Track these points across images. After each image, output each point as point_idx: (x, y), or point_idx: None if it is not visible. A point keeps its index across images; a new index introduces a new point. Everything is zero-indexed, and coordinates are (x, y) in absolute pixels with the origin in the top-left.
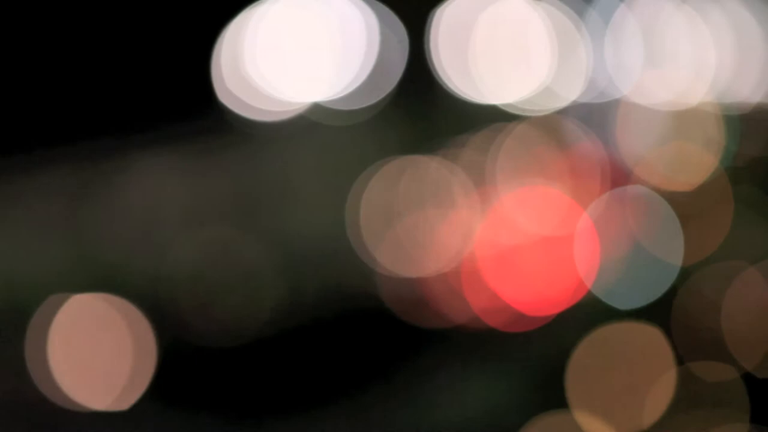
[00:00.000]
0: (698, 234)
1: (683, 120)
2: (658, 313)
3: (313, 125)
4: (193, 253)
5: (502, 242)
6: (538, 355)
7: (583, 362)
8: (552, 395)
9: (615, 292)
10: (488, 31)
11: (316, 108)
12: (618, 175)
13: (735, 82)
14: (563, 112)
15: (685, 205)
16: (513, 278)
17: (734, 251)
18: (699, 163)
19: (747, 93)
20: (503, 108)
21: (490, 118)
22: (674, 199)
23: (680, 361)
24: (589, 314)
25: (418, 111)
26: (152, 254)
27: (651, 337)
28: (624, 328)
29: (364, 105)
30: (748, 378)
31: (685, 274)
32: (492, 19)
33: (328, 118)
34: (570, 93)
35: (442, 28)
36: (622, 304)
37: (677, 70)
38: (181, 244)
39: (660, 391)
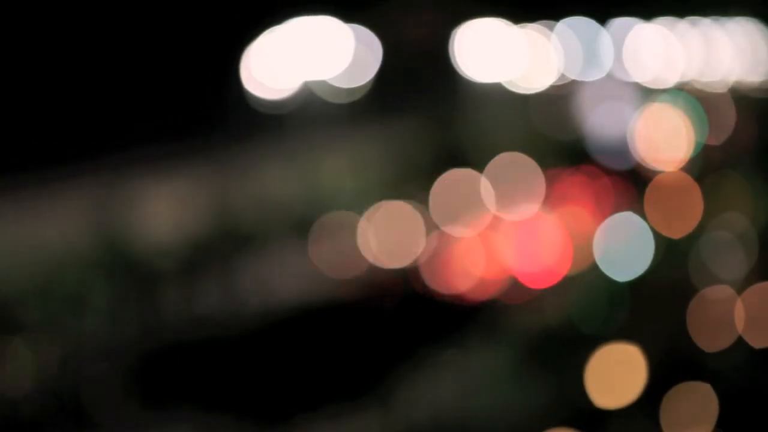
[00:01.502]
0: (684, 209)
1: (660, 100)
2: (650, 282)
3: (313, 97)
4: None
5: (505, 218)
6: (539, 324)
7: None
8: (554, 362)
9: (614, 265)
10: (488, 38)
11: (315, 84)
12: (614, 160)
13: (703, 74)
14: (556, 89)
15: (671, 182)
16: (517, 252)
17: (715, 225)
18: (680, 142)
19: (715, 82)
20: (506, 85)
21: (497, 96)
22: (662, 177)
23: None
24: (590, 285)
25: (441, 94)
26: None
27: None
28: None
29: (348, 86)
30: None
31: (673, 246)
32: (490, 33)
33: (323, 92)
34: (547, 75)
35: (459, 40)
36: (621, 276)
37: (649, 61)
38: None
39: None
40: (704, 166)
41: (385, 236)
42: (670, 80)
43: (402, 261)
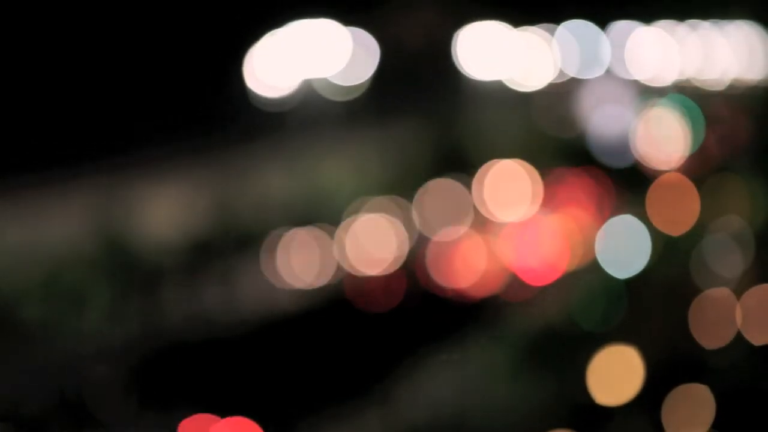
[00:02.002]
0: (682, 209)
1: (659, 103)
2: (649, 279)
3: (312, 94)
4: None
5: (506, 219)
6: (540, 320)
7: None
8: (555, 358)
9: (614, 262)
10: (489, 39)
11: (313, 81)
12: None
13: (701, 73)
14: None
15: (670, 183)
16: (517, 251)
17: (713, 224)
18: (678, 143)
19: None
20: (506, 83)
21: (497, 93)
22: (662, 178)
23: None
24: (591, 282)
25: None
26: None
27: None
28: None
29: (346, 84)
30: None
31: (672, 245)
32: (490, 35)
33: (322, 90)
34: (547, 72)
35: (460, 40)
36: (621, 273)
37: (648, 60)
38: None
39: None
40: (702, 167)
41: (377, 238)
42: (669, 78)
43: (390, 261)
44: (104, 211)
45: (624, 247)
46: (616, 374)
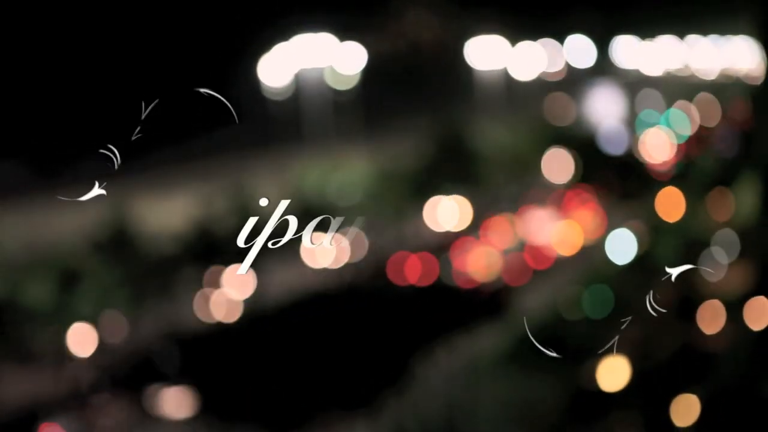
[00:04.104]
0: (672, 201)
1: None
2: (643, 265)
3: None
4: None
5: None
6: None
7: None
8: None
9: (614, 250)
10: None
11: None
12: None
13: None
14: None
15: (667, 194)
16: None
17: (702, 223)
18: (666, 138)
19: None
20: (509, 72)
21: (499, 83)
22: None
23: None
24: (592, 269)
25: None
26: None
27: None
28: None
29: (343, 73)
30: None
31: (664, 232)
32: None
33: (326, 77)
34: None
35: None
36: (619, 259)
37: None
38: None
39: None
40: (693, 174)
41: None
42: (661, 69)
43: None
44: (118, 206)
45: (622, 237)
46: (615, 362)
